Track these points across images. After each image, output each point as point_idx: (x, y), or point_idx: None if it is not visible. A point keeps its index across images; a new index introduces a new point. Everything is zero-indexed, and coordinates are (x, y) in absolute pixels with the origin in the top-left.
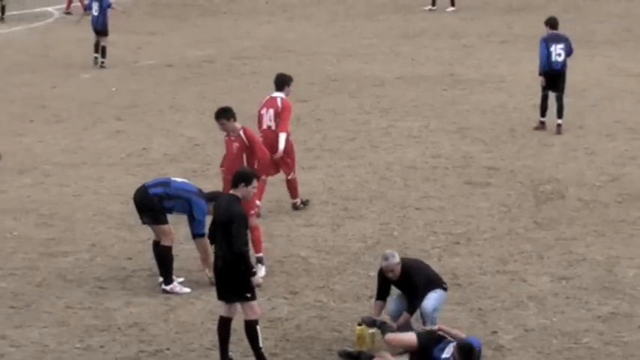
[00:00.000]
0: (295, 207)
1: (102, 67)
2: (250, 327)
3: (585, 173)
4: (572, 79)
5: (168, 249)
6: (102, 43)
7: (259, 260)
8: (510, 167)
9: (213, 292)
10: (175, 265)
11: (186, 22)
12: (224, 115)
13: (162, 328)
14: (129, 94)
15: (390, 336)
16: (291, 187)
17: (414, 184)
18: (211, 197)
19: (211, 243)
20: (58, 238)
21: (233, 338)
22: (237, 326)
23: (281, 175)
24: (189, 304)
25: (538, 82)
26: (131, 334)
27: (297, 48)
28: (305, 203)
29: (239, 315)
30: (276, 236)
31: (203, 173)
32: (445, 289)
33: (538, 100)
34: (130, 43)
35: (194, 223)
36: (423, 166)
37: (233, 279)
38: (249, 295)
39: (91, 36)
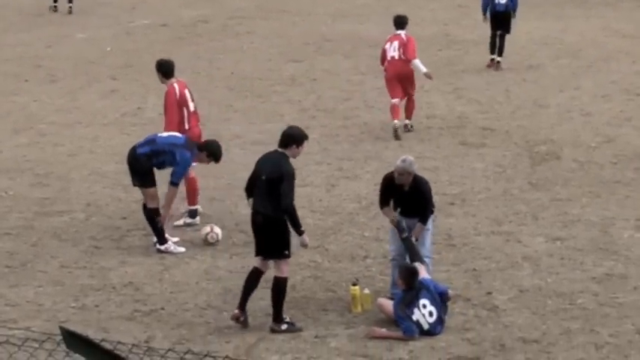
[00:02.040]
0: (406, 127)
1: (70, 12)
2: (282, 283)
3: (580, 134)
4: (567, 39)
5: (155, 211)
6: None
7: (192, 214)
8: (505, 128)
9: (208, 252)
10: (169, 224)
11: None
12: (156, 70)
13: (157, 287)
14: (123, 54)
15: (381, 300)
16: (410, 107)
17: (408, 145)
18: (202, 146)
19: (248, 197)
20: (53, 197)
21: (227, 298)
22: (230, 285)
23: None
24: (184, 263)
25: (532, 42)
26: (126, 293)
27: (292, 8)
28: (410, 127)
29: (232, 275)
30: None
31: None
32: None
33: (534, 62)
34: (124, 2)
35: (173, 172)
36: (417, 126)
37: (273, 236)
38: (286, 252)
39: None
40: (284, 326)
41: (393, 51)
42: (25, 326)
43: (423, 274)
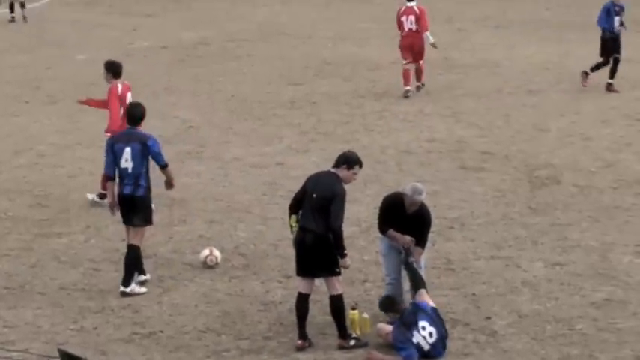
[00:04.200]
0: (418, 88)
1: (24, 19)
2: (339, 301)
3: (580, 159)
4: (567, 64)
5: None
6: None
7: (102, 196)
8: (505, 152)
9: (207, 275)
10: (169, 247)
11: (181, 4)
12: (106, 70)
13: (156, 310)
14: (123, 76)
15: (380, 325)
16: (419, 72)
17: (408, 168)
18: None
19: (290, 214)
20: (52, 219)
21: (226, 321)
22: (229, 308)
23: (272, 159)
24: (182, 286)
25: (532, 66)
26: (124, 315)
27: (292, 31)
28: (422, 86)
29: (231, 298)
30: (270, 219)
31: (197, 155)
32: None
33: (534, 86)
34: (125, 24)
35: (157, 157)
36: (417, 150)
37: (324, 254)
38: (337, 270)
39: (86, 17)
40: (352, 342)
41: (409, 24)
42: (24, 348)
43: (426, 299)
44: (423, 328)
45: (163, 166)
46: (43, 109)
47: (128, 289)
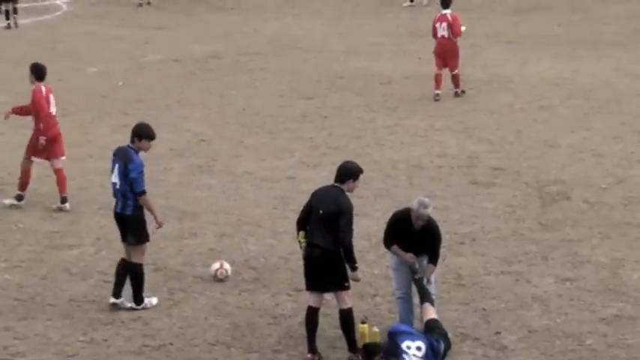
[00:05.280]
0: (457, 94)
1: (15, 25)
2: (348, 314)
3: (591, 175)
4: (578, 80)
5: (141, 266)
6: (13, 6)
7: (63, 200)
8: (516, 168)
9: (217, 288)
10: (179, 260)
11: (193, 17)
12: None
13: (166, 322)
14: (135, 89)
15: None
16: (456, 80)
17: (419, 183)
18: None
19: (298, 230)
20: (63, 231)
21: (236, 334)
22: (239, 321)
23: (283, 173)
24: (192, 299)
25: (543, 82)
26: (135, 328)
27: (304, 45)
28: (462, 92)
29: (241, 311)
30: (280, 233)
31: (209, 168)
32: None
33: (545, 102)
34: (137, 37)
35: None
36: (428, 165)
37: (333, 269)
38: (346, 284)
39: (98, 30)
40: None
41: (442, 30)
42: None
43: (432, 314)
44: (408, 347)
45: (138, 193)
46: None
47: (140, 306)
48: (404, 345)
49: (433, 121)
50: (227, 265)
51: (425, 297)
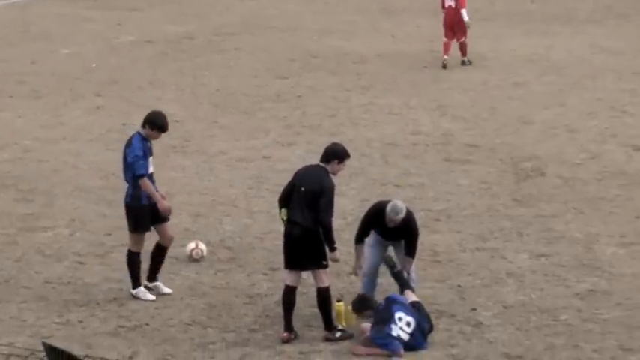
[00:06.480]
0: (463, 63)
1: None
2: (325, 293)
3: (565, 151)
4: (553, 56)
5: (138, 254)
6: None
7: None
8: (490, 145)
9: (192, 268)
10: (153, 240)
11: None
12: None
13: (141, 303)
14: (108, 70)
15: (363, 325)
16: (463, 48)
17: (394, 161)
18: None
19: (280, 208)
20: (37, 213)
21: (212, 314)
22: (215, 301)
23: (258, 152)
24: (168, 279)
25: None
26: (110, 309)
27: (278, 24)
28: (469, 62)
29: (217, 291)
30: (255, 212)
31: (182, 149)
32: None
33: (519, 79)
34: (109, 18)
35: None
36: (403, 143)
37: (311, 247)
38: (325, 263)
39: (71, 12)
40: (338, 333)
41: (450, 1)
42: (9, 342)
43: (414, 297)
44: (400, 319)
45: (137, 177)
46: (28, 103)
47: (133, 292)
48: (396, 315)
49: (407, 99)
50: (202, 245)
51: (404, 284)
